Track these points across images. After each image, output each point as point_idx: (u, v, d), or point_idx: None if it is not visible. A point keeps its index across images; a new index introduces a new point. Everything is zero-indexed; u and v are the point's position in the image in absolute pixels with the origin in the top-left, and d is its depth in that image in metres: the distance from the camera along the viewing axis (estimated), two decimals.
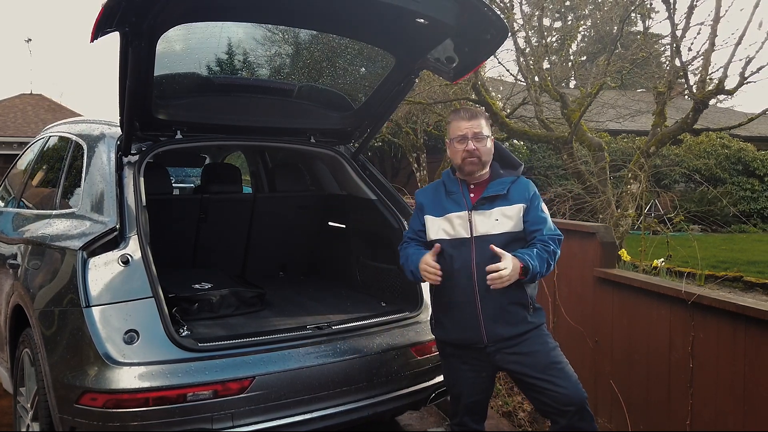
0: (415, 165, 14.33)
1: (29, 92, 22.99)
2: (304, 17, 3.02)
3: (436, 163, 14.90)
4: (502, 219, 2.61)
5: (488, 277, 2.44)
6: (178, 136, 3.20)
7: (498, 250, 2.48)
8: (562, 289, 3.85)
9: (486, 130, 2.68)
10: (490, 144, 2.70)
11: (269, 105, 3.55)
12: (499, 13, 2.75)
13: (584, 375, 3.64)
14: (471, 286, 2.57)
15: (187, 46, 3.05)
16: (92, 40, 2.36)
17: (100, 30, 2.33)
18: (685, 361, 2.93)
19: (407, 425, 3.93)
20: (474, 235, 2.61)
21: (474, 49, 3.02)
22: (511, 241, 2.60)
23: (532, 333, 2.63)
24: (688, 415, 2.92)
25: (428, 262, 2.62)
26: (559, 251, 2.63)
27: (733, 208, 14.38)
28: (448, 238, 2.66)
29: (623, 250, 4.28)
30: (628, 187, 6.59)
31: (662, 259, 4.20)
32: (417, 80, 3.40)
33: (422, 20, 2.78)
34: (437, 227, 2.69)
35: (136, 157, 2.97)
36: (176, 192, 5.68)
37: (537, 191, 2.72)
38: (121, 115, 2.81)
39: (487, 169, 2.72)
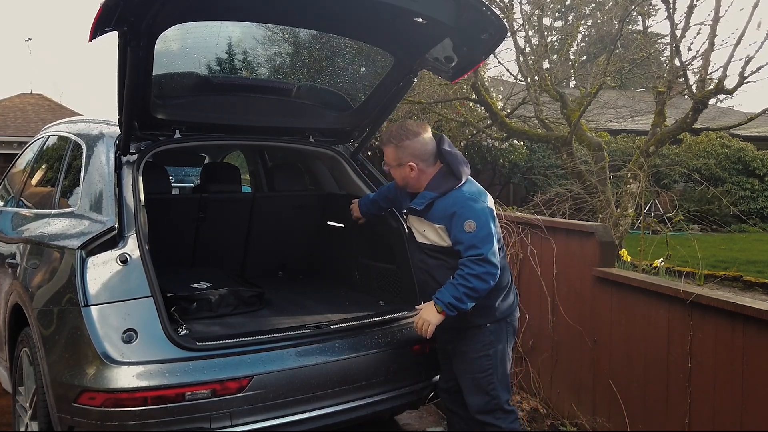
0: None
1: (29, 92, 22.95)
2: (302, 17, 3.03)
3: None
4: (426, 232, 2.79)
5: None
6: (177, 135, 3.20)
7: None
8: (561, 288, 3.85)
9: (394, 160, 2.78)
10: (406, 172, 2.76)
11: (268, 104, 3.55)
12: (498, 12, 2.76)
13: (583, 374, 3.65)
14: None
15: (186, 46, 3.06)
16: (90, 40, 2.37)
17: (98, 29, 2.33)
18: (684, 360, 2.94)
19: (406, 424, 3.94)
20: (414, 237, 2.88)
21: (472, 49, 3.02)
22: (437, 253, 2.76)
23: (470, 332, 2.76)
24: (686, 414, 2.92)
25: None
26: (481, 267, 2.55)
27: (733, 207, 14.35)
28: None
29: (624, 250, 4.27)
30: (628, 186, 6.59)
31: (662, 259, 4.20)
32: (416, 80, 3.40)
33: (421, 20, 2.78)
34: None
35: (135, 157, 2.97)
36: (175, 191, 5.68)
37: (466, 207, 2.63)
38: (120, 114, 2.82)
39: (424, 183, 2.80)
